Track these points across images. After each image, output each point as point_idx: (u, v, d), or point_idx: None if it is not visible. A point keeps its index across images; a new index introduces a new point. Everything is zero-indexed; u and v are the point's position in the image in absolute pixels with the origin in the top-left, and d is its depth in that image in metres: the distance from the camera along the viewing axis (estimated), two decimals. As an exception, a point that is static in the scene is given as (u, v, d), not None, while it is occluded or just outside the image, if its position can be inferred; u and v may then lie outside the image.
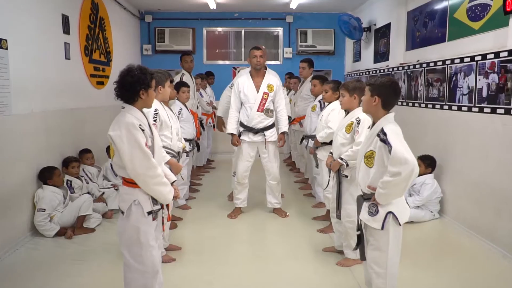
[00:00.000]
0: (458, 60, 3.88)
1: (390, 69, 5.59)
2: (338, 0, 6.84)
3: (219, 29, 7.99)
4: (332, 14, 7.68)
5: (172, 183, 2.37)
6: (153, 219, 2.22)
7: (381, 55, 6.19)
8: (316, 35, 7.68)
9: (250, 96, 4.24)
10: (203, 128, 5.91)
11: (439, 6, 4.49)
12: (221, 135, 8.00)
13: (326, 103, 4.40)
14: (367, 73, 6.57)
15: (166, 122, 3.11)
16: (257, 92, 4.23)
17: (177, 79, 5.27)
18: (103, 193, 4.49)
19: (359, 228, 2.31)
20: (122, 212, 2.19)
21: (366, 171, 2.25)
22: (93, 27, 5.21)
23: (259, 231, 4.08)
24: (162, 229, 2.43)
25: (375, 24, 6.46)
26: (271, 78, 4.29)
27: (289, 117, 6.11)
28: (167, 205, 2.36)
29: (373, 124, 2.29)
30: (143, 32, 7.77)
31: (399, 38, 5.46)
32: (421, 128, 4.59)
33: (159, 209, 2.25)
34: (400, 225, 2.17)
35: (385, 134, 2.10)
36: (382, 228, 2.14)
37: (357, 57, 7.44)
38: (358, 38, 6.76)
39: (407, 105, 5.04)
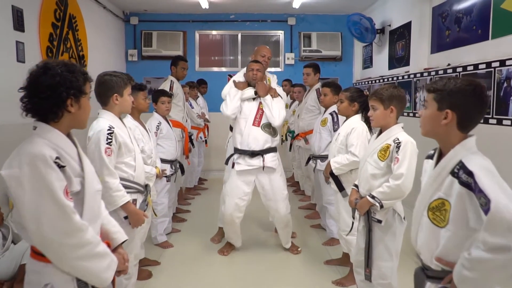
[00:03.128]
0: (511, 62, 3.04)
1: (412, 76, 4.75)
2: (346, -1, 6.05)
3: (213, 32, 7.17)
4: (339, 15, 6.90)
5: (117, 247, 1.50)
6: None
7: (398, 60, 5.36)
8: (321, 39, 6.85)
9: (245, 106, 3.40)
10: (193, 144, 5.05)
11: (477, -2, 3.67)
12: (214, 150, 7.15)
13: (340, 116, 3.59)
14: (381, 81, 5.74)
15: (128, 145, 2.23)
16: (250, 111, 3.42)
17: (165, 87, 4.44)
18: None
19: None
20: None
21: (433, 232, 1.39)
22: (60, 25, 4.38)
23: (256, 281, 3.17)
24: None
25: (390, 25, 5.65)
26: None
27: (292, 132, 5.28)
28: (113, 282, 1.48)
29: (439, 155, 1.43)
30: (128, 35, 6.95)
31: (422, 39, 4.63)
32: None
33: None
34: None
35: (470, 174, 1.24)
36: None
37: (367, 63, 6.62)
38: (371, 40, 5.93)
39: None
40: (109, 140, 2.10)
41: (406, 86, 4.87)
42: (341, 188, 2.92)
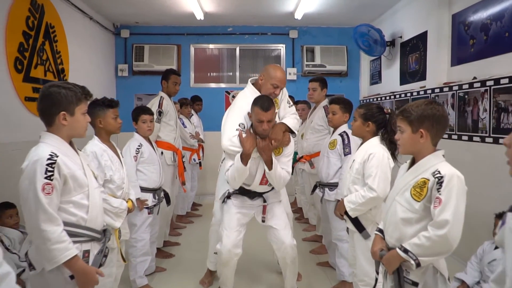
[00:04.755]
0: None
1: (429, 91, 4.24)
2: (351, 11, 5.58)
3: (210, 46, 6.70)
4: (344, 28, 6.44)
5: None
6: None
7: (412, 74, 4.85)
8: (325, 53, 6.37)
9: (249, 163, 2.69)
10: (184, 167, 4.50)
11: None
12: (210, 172, 6.54)
13: (352, 137, 3.07)
14: (391, 97, 5.23)
15: (78, 179, 1.68)
16: (256, 172, 2.73)
17: (154, 103, 3.94)
18: (23, 270, 3.02)
19: None
20: None
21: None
22: (33, 34, 3.89)
23: None
24: None
25: (401, 37, 5.17)
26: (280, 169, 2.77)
27: (295, 153, 4.73)
28: None
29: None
30: (118, 49, 6.49)
31: (440, 50, 4.12)
32: (487, 171, 3.18)
33: None
34: None
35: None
36: None
37: (375, 78, 6.12)
38: (380, 54, 5.45)
39: (460, 139, 3.65)
40: (50, 173, 1.56)
41: (422, 103, 4.35)
42: (360, 228, 2.36)
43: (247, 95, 2.83)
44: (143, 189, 3.16)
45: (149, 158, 3.22)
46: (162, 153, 3.81)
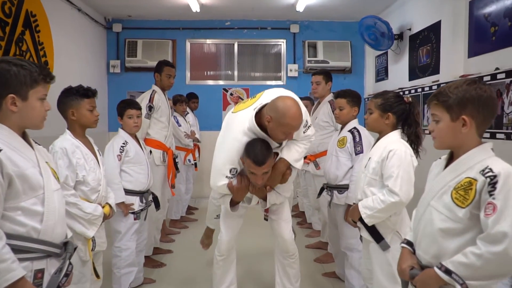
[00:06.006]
0: None
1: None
2: (356, 2, 5.25)
3: (207, 41, 6.36)
4: (348, 22, 6.11)
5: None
6: None
7: (422, 68, 4.52)
8: (328, 49, 6.03)
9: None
10: (177, 168, 4.15)
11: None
12: (207, 174, 6.08)
13: (364, 134, 2.75)
14: (401, 94, 4.87)
15: (29, 179, 1.32)
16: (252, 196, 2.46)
17: (144, 98, 3.60)
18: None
19: None
20: None
21: None
22: (11, 22, 3.55)
23: None
24: None
25: (410, 29, 4.83)
26: (277, 197, 2.47)
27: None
28: None
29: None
30: (110, 44, 6.14)
31: (456, 40, 3.79)
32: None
33: None
34: None
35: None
36: None
37: (381, 74, 5.78)
38: (387, 47, 5.10)
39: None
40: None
41: (436, 99, 4.02)
42: (378, 237, 2.01)
43: (244, 131, 2.16)
44: (129, 192, 2.81)
45: (135, 157, 2.87)
46: (150, 152, 3.46)
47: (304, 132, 2.30)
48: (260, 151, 2.09)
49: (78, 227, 2.06)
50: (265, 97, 2.22)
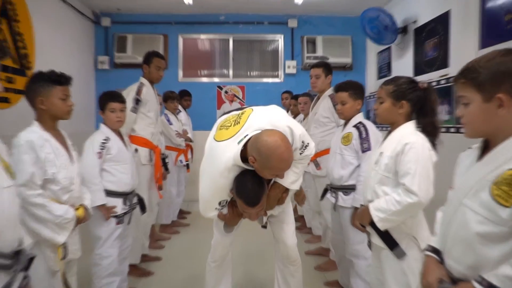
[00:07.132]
0: None
1: (452, 80, 3.63)
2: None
3: (200, 36, 6.08)
4: (348, 17, 5.87)
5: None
6: None
7: (429, 62, 4.26)
8: (328, 44, 5.78)
9: None
10: (167, 169, 3.86)
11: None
12: (199, 176, 5.85)
13: (371, 129, 2.48)
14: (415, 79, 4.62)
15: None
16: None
17: (131, 90, 3.32)
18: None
19: None
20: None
21: None
22: (-15, 9, 3.26)
23: None
24: None
25: (415, 22, 4.58)
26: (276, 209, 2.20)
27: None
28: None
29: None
30: (98, 39, 5.85)
31: (467, 31, 3.53)
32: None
33: None
34: None
35: None
36: None
37: (384, 71, 5.53)
38: (390, 42, 4.86)
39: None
40: None
41: (444, 94, 3.77)
42: (392, 244, 1.73)
43: (229, 169, 1.84)
44: (111, 193, 2.52)
45: (118, 155, 2.57)
46: (136, 150, 3.16)
47: (300, 154, 1.97)
48: (251, 191, 1.84)
49: (46, 232, 1.77)
50: (251, 124, 1.87)
